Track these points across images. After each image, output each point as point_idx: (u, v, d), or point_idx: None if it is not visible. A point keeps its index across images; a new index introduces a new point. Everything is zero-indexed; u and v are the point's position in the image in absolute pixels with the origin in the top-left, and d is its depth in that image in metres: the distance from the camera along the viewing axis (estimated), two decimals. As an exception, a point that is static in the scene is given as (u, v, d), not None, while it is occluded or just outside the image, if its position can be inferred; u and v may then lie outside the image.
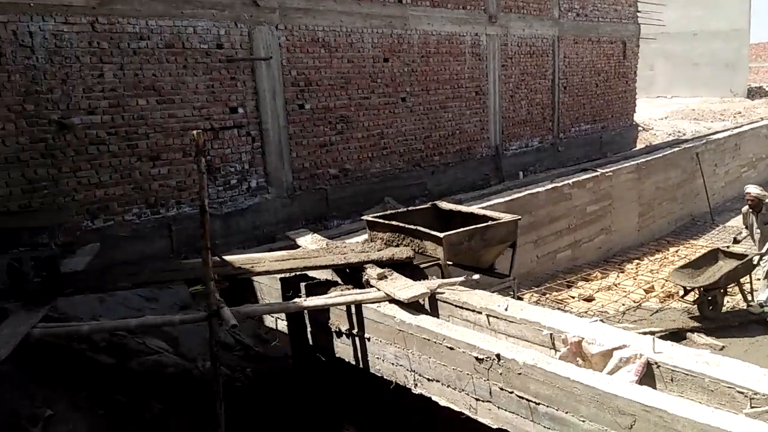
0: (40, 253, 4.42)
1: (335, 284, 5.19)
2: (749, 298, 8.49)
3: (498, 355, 3.86)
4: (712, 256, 8.71)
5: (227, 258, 5.20)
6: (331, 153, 9.93)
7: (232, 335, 6.03)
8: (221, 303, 4.21)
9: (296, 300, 4.69)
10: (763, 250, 8.37)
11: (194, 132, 4.08)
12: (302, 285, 5.12)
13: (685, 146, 14.17)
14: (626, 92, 17.39)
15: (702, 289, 8.03)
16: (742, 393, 3.38)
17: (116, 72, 7.36)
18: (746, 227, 8.82)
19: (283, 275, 5.24)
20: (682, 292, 8.37)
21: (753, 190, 8.66)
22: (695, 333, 7.77)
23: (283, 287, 5.31)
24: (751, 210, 8.62)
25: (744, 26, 32.40)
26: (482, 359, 3.95)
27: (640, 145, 17.95)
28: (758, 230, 8.55)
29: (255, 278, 5.56)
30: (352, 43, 10.03)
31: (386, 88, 10.68)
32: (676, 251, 11.54)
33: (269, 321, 5.82)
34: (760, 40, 43.67)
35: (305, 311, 5.02)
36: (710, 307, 8.14)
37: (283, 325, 5.56)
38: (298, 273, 5.21)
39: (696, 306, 8.23)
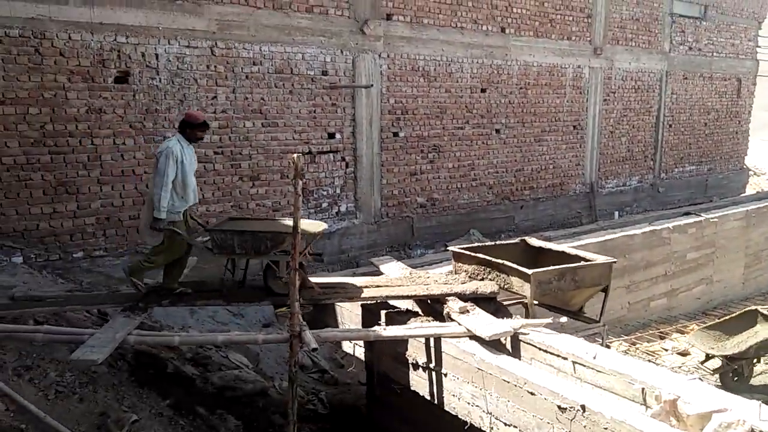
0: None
1: (415, 314, 5.16)
2: None
3: (583, 406, 3.66)
4: (749, 319, 7.46)
5: (313, 280, 5.31)
6: (421, 182, 9.98)
7: (310, 357, 6.13)
8: (304, 325, 4.29)
9: (375, 328, 4.70)
10: None
11: (294, 155, 4.24)
12: (382, 313, 5.13)
13: (804, 194, 13.01)
14: (738, 133, 16.30)
15: (727, 357, 6.91)
16: None
17: (228, 95, 7.84)
18: None
19: (364, 302, 5.28)
20: (702, 358, 7.26)
21: None
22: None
23: (364, 313, 5.34)
24: None
25: None
26: (565, 408, 3.76)
27: (750, 191, 16.70)
28: None
29: (337, 303, 5.63)
30: (451, 72, 10.11)
31: (481, 119, 10.64)
32: (788, 309, 10.53)
33: (347, 346, 5.86)
34: None
35: (383, 340, 5.01)
36: (735, 378, 6.99)
37: (360, 352, 5.57)
38: (379, 300, 5.22)
39: (717, 375, 7.09)
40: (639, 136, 13.63)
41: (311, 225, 5.25)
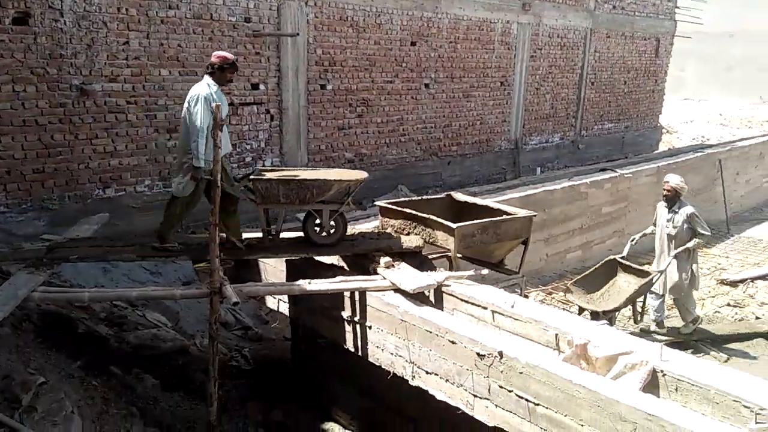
0: (336, 207, 5.00)
1: (341, 269, 5.15)
2: (639, 318, 7.45)
3: (500, 353, 3.81)
4: (609, 269, 7.37)
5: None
6: (349, 136, 9.85)
7: (233, 314, 6.04)
8: (225, 280, 4.19)
9: (300, 282, 4.65)
10: (663, 266, 7.31)
11: (213, 105, 4.05)
12: (307, 269, 5.08)
13: (709, 152, 13.82)
14: (654, 92, 17.01)
15: (605, 311, 6.87)
16: (748, 407, 3.30)
17: (142, 40, 7.34)
18: (654, 225, 7.66)
19: (289, 257, 5.20)
20: (576, 310, 7.16)
21: (673, 179, 7.36)
22: (699, 343, 7.60)
23: (289, 269, 5.28)
24: (666, 204, 7.44)
25: (785, 28, 31.27)
26: (484, 355, 3.90)
27: (662, 148, 17.58)
28: (666, 231, 7.38)
29: (261, 259, 5.53)
30: (381, 24, 9.88)
31: (410, 72, 10.53)
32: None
33: (271, 302, 5.81)
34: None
35: (308, 295, 4.98)
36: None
37: (284, 308, 5.54)
38: (304, 256, 5.17)
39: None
40: (562, 94, 13.97)
41: (352, 173, 5.27)
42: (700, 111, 27.14)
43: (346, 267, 5.26)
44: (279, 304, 5.64)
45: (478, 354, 3.92)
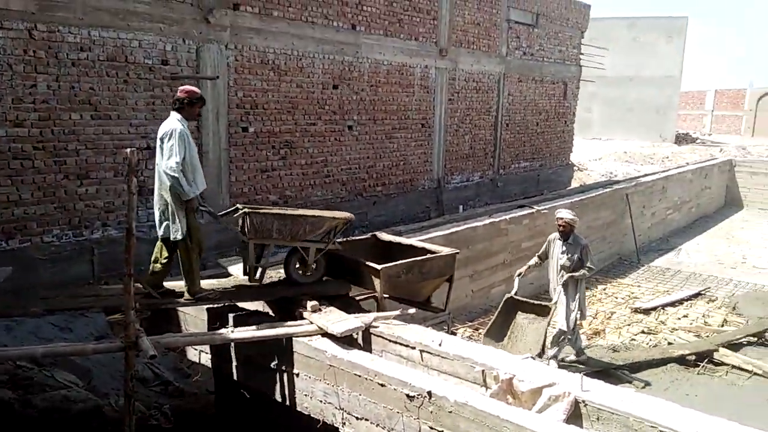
0: (323, 246, 5.05)
1: (266, 316, 5.02)
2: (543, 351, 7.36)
3: (429, 392, 3.81)
4: (508, 309, 7.32)
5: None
6: (273, 179, 9.76)
7: (151, 368, 5.71)
8: (141, 332, 3.97)
9: (222, 331, 4.49)
10: (555, 297, 7.53)
11: (127, 150, 3.92)
12: (230, 316, 4.92)
13: (617, 187, 14.74)
14: (564, 132, 18.04)
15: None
16: (665, 434, 3.43)
17: (51, 83, 7.03)
18: (541, 258, 7.92)
19: (210, 305, 5.02)
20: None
21: (566, 214, 7.65)
22: (620, 371, 7.91)
23: (210, 318, 5.08)
24: (560, 237, 7.67)
25: (676, 74, 34.35)
26: (413, 396, 3.88)
27: (574, 184, 18.56)
28: (561, 263, 7.62)
29: (180, 308, 5.30)
30: (303, 67, 9.98)
31: (333, 115, 10.65)
32: (604, 289, 11.90)
33: (192, 354, 5.55)
34: (689, 89, 46.61)
35: (231, 344, 4.80)
36: None
37: (206, 359, 5.31)
38: (226, 303, 5.00)
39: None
40: (480, 135, 14.54)
41: (339, 213, 5.35)
42: (607, 149, 28.97)
43: (271, 313, 5.14)
44: (201, 355, 5.39)
45: (407, 395, 3.90)
